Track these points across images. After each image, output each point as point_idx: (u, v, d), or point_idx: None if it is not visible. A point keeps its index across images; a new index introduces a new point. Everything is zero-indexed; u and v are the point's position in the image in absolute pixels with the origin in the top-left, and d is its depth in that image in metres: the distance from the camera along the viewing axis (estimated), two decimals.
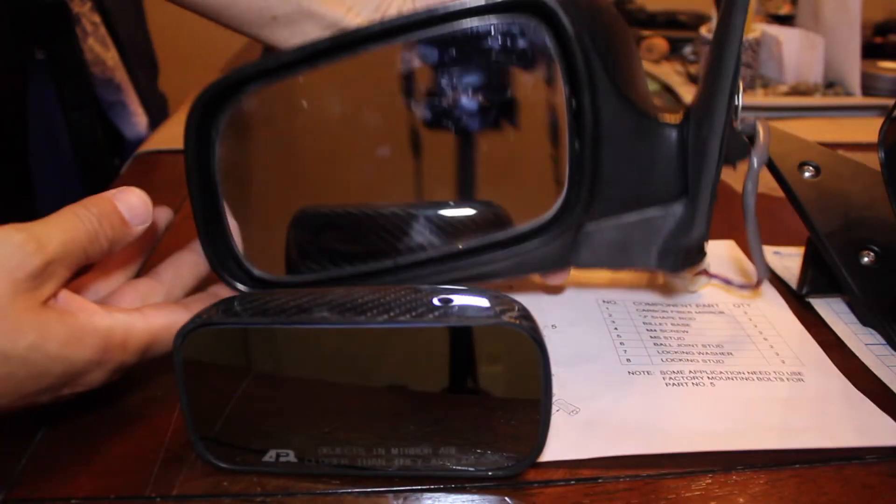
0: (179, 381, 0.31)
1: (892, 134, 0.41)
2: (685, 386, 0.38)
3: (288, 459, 0.32)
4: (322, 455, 0.32)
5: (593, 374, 0.39)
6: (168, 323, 0.34)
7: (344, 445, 0.32)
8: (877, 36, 1.04)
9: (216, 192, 0.39)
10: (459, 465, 0.32)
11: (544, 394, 0.30)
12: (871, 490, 0.32)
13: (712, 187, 0.36)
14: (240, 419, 0.32)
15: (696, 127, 0.37)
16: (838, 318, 0.45)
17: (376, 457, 0.32)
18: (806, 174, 0.46)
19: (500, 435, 0.32)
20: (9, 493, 0.32)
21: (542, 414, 0.31)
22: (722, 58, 0.33)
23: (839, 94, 0.86)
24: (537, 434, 0.31)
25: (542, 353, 0.30)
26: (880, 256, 0.43)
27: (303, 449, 0.32)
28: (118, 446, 0.34)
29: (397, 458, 0.32)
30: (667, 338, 0.43)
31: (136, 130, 0.93)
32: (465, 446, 0.32)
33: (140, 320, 0.33)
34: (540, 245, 0.39)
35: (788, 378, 0.39)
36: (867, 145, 0.74)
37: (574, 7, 0.35)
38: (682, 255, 0.40)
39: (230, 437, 0.32)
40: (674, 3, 1.16)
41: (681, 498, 0.32)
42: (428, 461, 0.32)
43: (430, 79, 0.38)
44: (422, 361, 0.31)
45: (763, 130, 0.39)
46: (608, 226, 0.40)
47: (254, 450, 0.32)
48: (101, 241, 0.32)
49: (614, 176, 0.38)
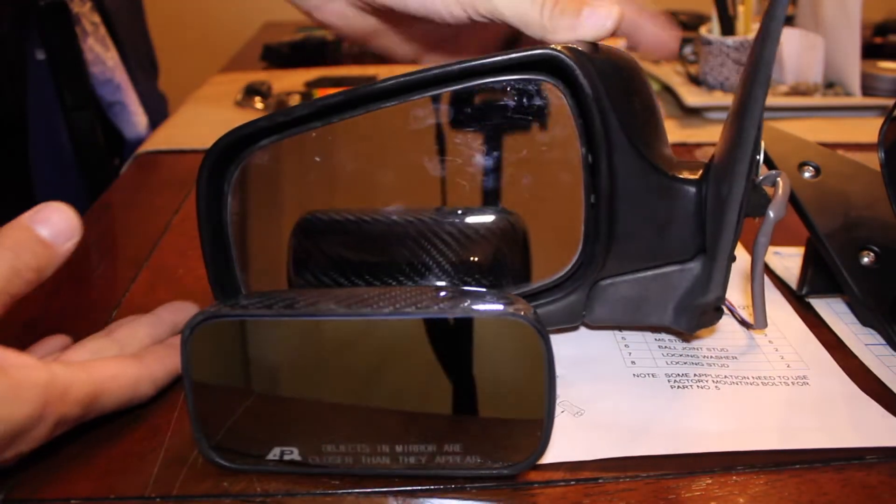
0: (186, 377, 0.31)
1: (892, 134, 0.41)
2: (690, 389, 0.38)
3: (292, 457, 0.32)
4: (326, 453, 0.32)
5: (598, 377, 0.39)
6: (114, 374, 0.33)
7: (348, 443, 0.32)
8: (877, 36, 1.04)
9: (227, 241, 0.39)
10: (464, 463, 0.32)
11: (548, 389, 0.30)
12: (871, 490, 0.32)
13: (731, 250, 0.36)
14: (245, 417, 0.32)
15: (716, 184, 0.36)
16: (838, 318, 0.45)
17: (380, 454, 0.32)
18: (806, 174, 0.46)
19: (505, 432, 0.32)
20: (9, 493, 0.32)
21: (547, 410, 0.30)
22: (743, 128, 0.32)
23: (839, 94, 0.86)
24: (542, 431, 0.31)
25: (546, 347, 0.30)
26: (880, 256, 0.43)
27: (307, 446, 0.32)
28: (118, 446, 0.34)
29: (402, 456, 0.32)
30: (671, 341, 0.43)
31: (136, 130, 0.93)
32: (470, 443, 0.31)
33: (82, 372, 0.31)
34: (553, 301, 0.39)
35: (793, 382, 0.39)
36: (867, 145, 0.74)
37: (591, 64, 0.35)
38: (699, 314, 0.39)
39: (234, 435, 0.32)
40: (674, 3, 1.16)
41: (681, 498, 0.32)
42: (432, 459, 0.32)
43: (443, 135, 0.38)
44: (427, 357, 0.31)
45: (783, 184, 0.38)
46: (623, 282, 0.40)
47: (258, 447, 0.32)
48: (23, 274, 0.31)
49: (630, 233, 0.38)
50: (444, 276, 0.39)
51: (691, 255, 0.39)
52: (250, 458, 0.32)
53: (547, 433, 0.31)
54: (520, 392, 0.31)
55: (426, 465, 0.32)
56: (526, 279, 0.39)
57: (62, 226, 0.32)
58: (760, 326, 0.41)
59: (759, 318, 0.40)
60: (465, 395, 0.31)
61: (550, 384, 0.30)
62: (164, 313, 0.40)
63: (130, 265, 0.52)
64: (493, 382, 0.31)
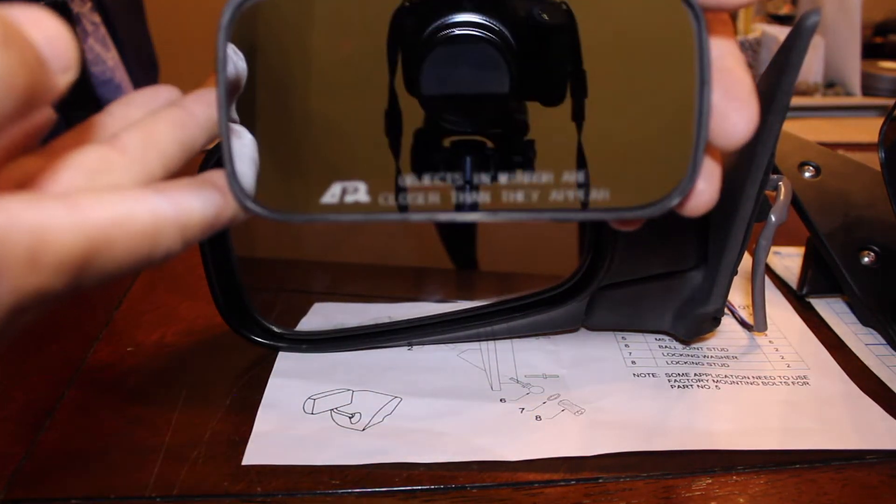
0: (220, 82, 0.22)
1: (892, 134, 0.41)
2: (691, 388, 0.38)
3: (356, 198, 0.23)
4: (404, 188, 0.23)
5: (599, 376, 0.39)
6: (121, 216, 0.20)
7: (434, 173, 0.23)
8: (877, 36, 1.04)
9: (231, 263, 0.39)
10: (587, 199, 0.23)
11: (701, 87, 0.22)
12: (871, 490, 0.32)
13: (734, 264, 0.36)
14: (294, 143, 0.24)
15: (721, 196, 0.36)
16: (838, 318, 0.45)
17: (476, 189, 0.23)
18: (806, 174, 0.46)
19: (639, 155, 0.24)
20: (9, 494, 0.31)
21: (699, 116, 0.22)
22: (756, 154, 0.32)
23: (839, 94, 0.86)
24: (692, 152, 0.22)
25: (699, 29, 0.22)
26: (880, 256, 0.43)
27: (378, 180, 0.23)
28: (118, 446, 0.34)
29: (505, 192, 0.23)
30: (672, 340, 0.43)
31: None
32: (597, 172, 0.23)
33: (64, 214, 0.18)
34: (553, 308, 0.40)
35: (793, 382, 0.39)
36: (867, 145, 0.74)
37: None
38: (697, 323, 0.40)
39: (280, 175, 0.24)
40: None
41: (681, 498, 0.32)
42: (547, 194, 0.23)
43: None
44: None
45: (785, 188, 0.38)
46: (623, 289, 0.40)
47: (311, 188, 0.23)
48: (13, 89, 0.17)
49: (633, 244, 0.38)
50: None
51: (692, 264, 0.39)
52: (300, 203, 0.24)
53: (697, 158, 0.22)
54: (660, 95, 0.23)
55: (538, 203, 0.23)
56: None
57: (61, 44, 0.20)
58: (760, 329, 0.41)
59: (759, 320, 0.41)
60: (589, 103, 0.24)
61: (703, 85, 0.22)
62: (195, 105, 0.25)
63: None
64: (621, 80, 0.24)
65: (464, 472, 0.33)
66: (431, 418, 0.36)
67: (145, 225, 0.20)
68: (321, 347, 0.41)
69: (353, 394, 0.38)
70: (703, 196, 0.23)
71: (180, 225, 0.21)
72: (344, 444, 0.34)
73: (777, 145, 0.35)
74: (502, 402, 0.37)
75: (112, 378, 0.39)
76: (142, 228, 0.20)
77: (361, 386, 0.38)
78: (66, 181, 0.21)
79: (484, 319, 0.41)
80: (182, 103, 0.25)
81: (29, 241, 0.18)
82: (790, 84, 0.30)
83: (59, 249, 0.18)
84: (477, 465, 0.33)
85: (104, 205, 0.19)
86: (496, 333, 0.42)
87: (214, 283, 0.39)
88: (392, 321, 0.42)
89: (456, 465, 0.33)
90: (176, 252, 0.22)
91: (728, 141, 0.23)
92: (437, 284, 0.50)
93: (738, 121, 0.22)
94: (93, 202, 0.19)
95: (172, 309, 0.46)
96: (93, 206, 0.19)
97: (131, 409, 0.37)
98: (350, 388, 0.38)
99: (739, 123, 0.22)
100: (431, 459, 0.33)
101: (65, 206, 0.19)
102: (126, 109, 0.26)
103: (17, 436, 0.35)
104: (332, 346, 0.41)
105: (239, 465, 0.33)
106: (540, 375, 0.39)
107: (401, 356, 0.41)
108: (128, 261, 0.20)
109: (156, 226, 0.21)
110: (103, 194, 0.20)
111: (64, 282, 0.19)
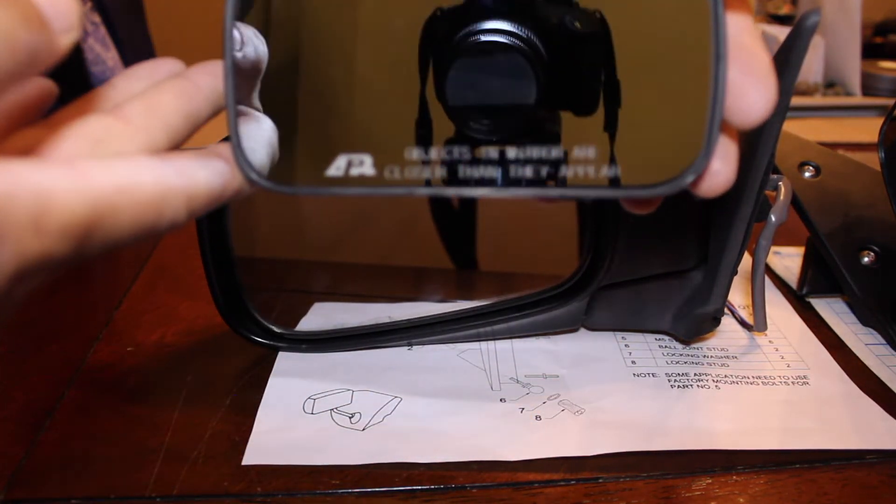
0: (226, 53, 0.21)
1: (892, 134, 0.41)
2: (691, 388, 0.38)
3: (362, 170, 0.23)
4: (410, 161, 0.23)
5: (599, 376, 0.39)
6: (127, 183, 0.19)
7: (442, 145, 0.23)
8: (877, 36, 1.04)
9: (231, 263, 0.39)
10: (598, 178, 0.23)
11: (716, 62, 0.21)
12: (871, 490, 0.32)
13: (734, 265, 0.36)
14: (300, 114, 0.24)
15: (721, 196, 0.36)
16: (838, 318, 0.45)
17: (484, 163, 0.22)
18: (806, 174, 0.46)
19: (656, 132, 0.23)
20: (9, 494, 0.31)
21: (714, 92, 0.21)
22: (755, 155, 0.32)
23: (839, 94, 0.86)
24: (706, 129, 0.22)
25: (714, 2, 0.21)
26: (880, 256, 0.43)
27: (384, 153, 0.23)
28: (118, 446, 0.34)
29: (514, 165, 0.23)
30: (672, 340, 0.43)
31: None
32: (607, 148, 0.23)
33: (69, 179, 0.18)
34: (553, 308, 0.40)
35: (793, 382, 0.39)
36: (867, 145, 0.74)
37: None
38: (697, 323, 0.40)
39: (285, 148, 0.23)
40: None
41: (681, 497, 0.32)
42: (557, 168, 0.23)
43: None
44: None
45: (785, 188, 0.38)
46: (623, 289, 0.40)
47: (315, 160, 0.23)
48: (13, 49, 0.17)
49: (633, 244, 0.38)
50: None
51: (693, 264, 0.39)
52: (303, 175, 0.24)
53: (712, 135, 0.22)
54: (673, 70, 0.23)
55: (550, 175, 0.23)
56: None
57: (63, 4, 0.19)
58: (760, 329, 0.41)
59: (759, 321, 0.41)
60: (603, 77, 0.23)
61: (719, 60, 0.21)
62: (201, 76, 0.25)
63: (130, 265, 0.52)
64: (636, 56, 0.23)
65: (464, 472, 0.33)
66: (431, 418, 0.36)
67: (151, 193, 0.20)
68: (321, 347, 0.41)
69: (353, 394, 0.38)
70: (720, 177, 0.23)
71: (186, 194, 0.21)
72: (344, 444, 0.34)
73: (777, 145, 0.35)
74: (502, 402, 0.37)
75: (112, 378, 0.39)
76: (147, 196, 0.20)
77: (361, 386, 0.38)
78: (69, 150, 0.21)
79: (484, 319, 0.41)
80: (187, 74, 0.24)
81: (33, 205, 0.17)
82: (790, 84, 0.30)
83: (64, 214, 0.18)
84: (477, 465, 0.33)
85: (109, 171, 0.19)
86: (496, 333, 0.42)
87: (214, 284, 0.39)
88: (392, 321, 0.42)
89: (456, 465, 0.33)
90: (181, 223, 0.21)
91: (745, 118, 0.22)
92: (437, 284, 0.50)
93: (756, 98, 0.22)
94: (98, 168, 0.19)
95: (172, 309, 0.46)
96: (98, 172, 0.19)
97: (131, 409, 0.37)
98: (350, 388, 0.38)
99: (758, 101, 0.22)
100: (431, 459, 0.33)
101: (70, 171, 0.18)
102: (129, 82, 0.25)
103: (17, 436, 0.35)
104: (332, 346, 0.41)
105: (239, 465, 0.33)
106: (540, 375, 0.39)
107: (401, 356, 0.41)
108: (133, 229, 0.20)
109: (161, 194, 0.20)
110: (108, 161, 0.20)
111: (68, 248, 0.19)
